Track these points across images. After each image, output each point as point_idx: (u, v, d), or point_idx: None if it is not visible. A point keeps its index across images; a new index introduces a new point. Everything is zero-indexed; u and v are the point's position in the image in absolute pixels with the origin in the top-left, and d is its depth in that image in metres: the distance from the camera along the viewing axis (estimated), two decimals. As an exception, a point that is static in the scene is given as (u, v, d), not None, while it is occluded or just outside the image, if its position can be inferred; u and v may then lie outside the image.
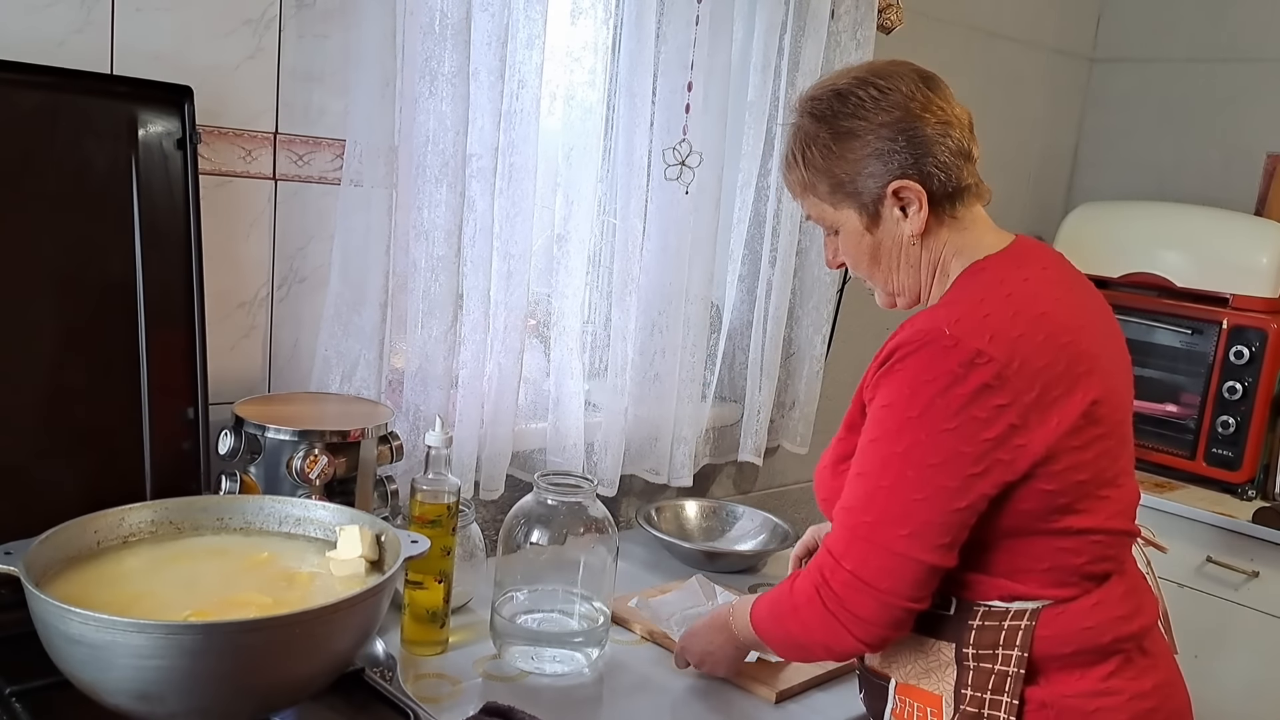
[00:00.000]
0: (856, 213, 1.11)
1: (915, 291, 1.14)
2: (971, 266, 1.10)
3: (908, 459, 1.00)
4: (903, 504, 1.01)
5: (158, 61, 1.31)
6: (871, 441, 1.04)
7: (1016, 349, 1.00)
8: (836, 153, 1.08)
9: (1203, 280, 2.27)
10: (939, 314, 1.04)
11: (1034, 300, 1.05)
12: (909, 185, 1.07)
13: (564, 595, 1.37)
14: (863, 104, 1.07)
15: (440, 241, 1.50)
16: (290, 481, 1.28)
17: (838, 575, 1.04)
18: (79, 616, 0.79)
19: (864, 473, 1.04)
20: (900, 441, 1.01)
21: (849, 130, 1.08)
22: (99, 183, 1.23)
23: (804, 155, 1.11)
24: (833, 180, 1.10)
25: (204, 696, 0.83)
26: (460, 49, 1.45)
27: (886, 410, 1.03)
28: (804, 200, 1.15)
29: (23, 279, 1.17)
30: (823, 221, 1.15)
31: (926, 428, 1.00)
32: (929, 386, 0.99)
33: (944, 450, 0.99)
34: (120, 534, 1.00)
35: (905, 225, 1.09)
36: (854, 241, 1.13)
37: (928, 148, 1.06)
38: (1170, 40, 2.62)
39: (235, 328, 1.44)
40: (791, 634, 1.12)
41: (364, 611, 0.90)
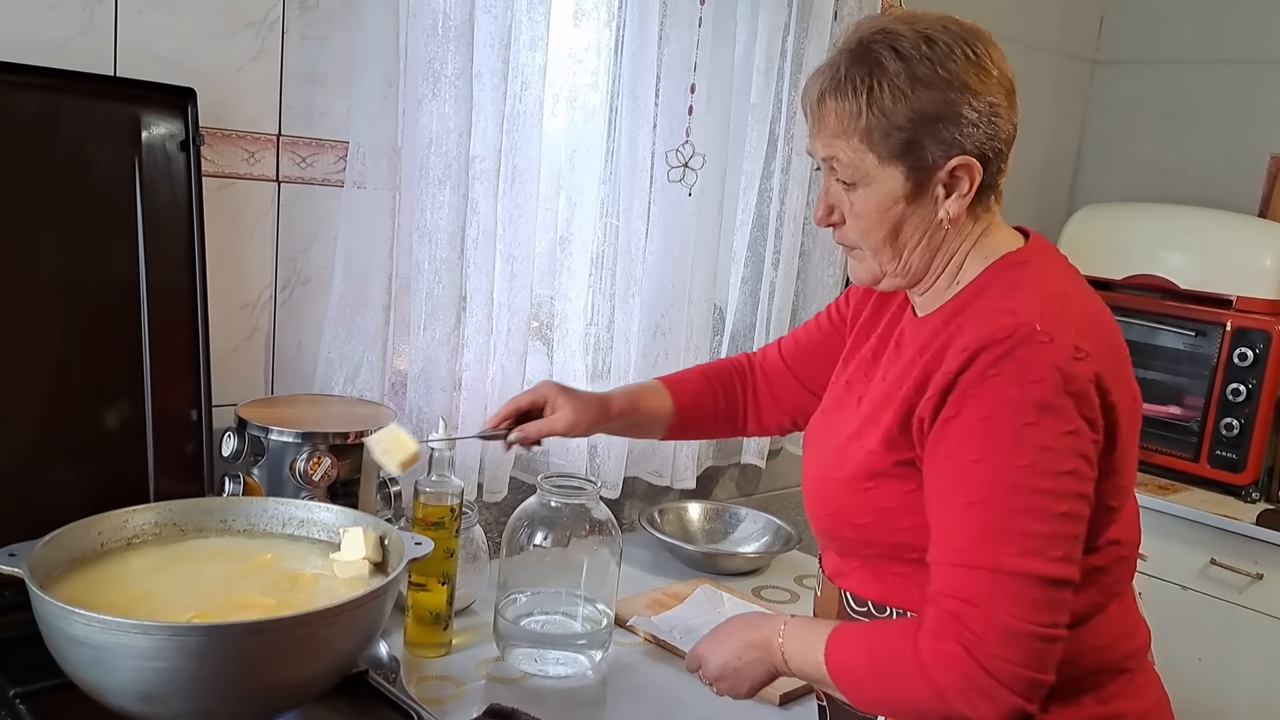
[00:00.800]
0: (903, 176, 0.96)
1: (917, 277, 1.02)
2: (1007, 259, 1.00)
3: (1036, 472, 0.88)
4: (1048, 524, 0.88)
5: (161, 63, 1.31)
6: (978, 462, 0.89)
7: (1096, 346, 0.92)
8: (911, 99, 0.93)
9: (1206, 282, 2.26)
10: (1015, 308, 0.92)
11: (1085, 299, 0.99)
12: (971, 164, 0.95)
13: (567, 597, 1.37)
14: (953, 56, 0.93)
15: (443, 243, 1.50)
16: (293, 483, 1.28)
17: (994, 626, 0.87)
18: (83, 618, 0.79)
19: (981, 500, 0.89)
20: (1022, 454, 0.88)
21: (930, 79, 0.93)
22: (102, 185, 1.23)
23: (871, 90, 0.93)
24: (897, 130, 0.94)
25: (207, 698, 0.83)
26: (463, 51, 1.46)
27: (991, 423, 0.89)
28: (838, 141, 0.97)
29: (26, 281, 1.17)
30: (851, 170, 0.97)
31: (1048, 432, 0.88)
32: (1038, 387, 0.88)
33: (1069, 454, 0.88)
34: (124, 535, 1.00)
35: (944, 206, 0.97)
36: (880, 206, 0.97)
37: (998, 129, 0.95)
38: (1173, 42, 2.62)
39: (238, 330, 1.44)
40: (908, 698, 0.93)
41: (367, 613, 0.90)
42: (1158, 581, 2.18)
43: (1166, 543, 2.15)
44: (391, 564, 1.01)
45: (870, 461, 1.00)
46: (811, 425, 1.19)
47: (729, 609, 1.53)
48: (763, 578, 1.74)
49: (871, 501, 1.01)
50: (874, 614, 1.07)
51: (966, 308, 0.99)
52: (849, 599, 1.09)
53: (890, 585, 1.04)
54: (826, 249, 2.05)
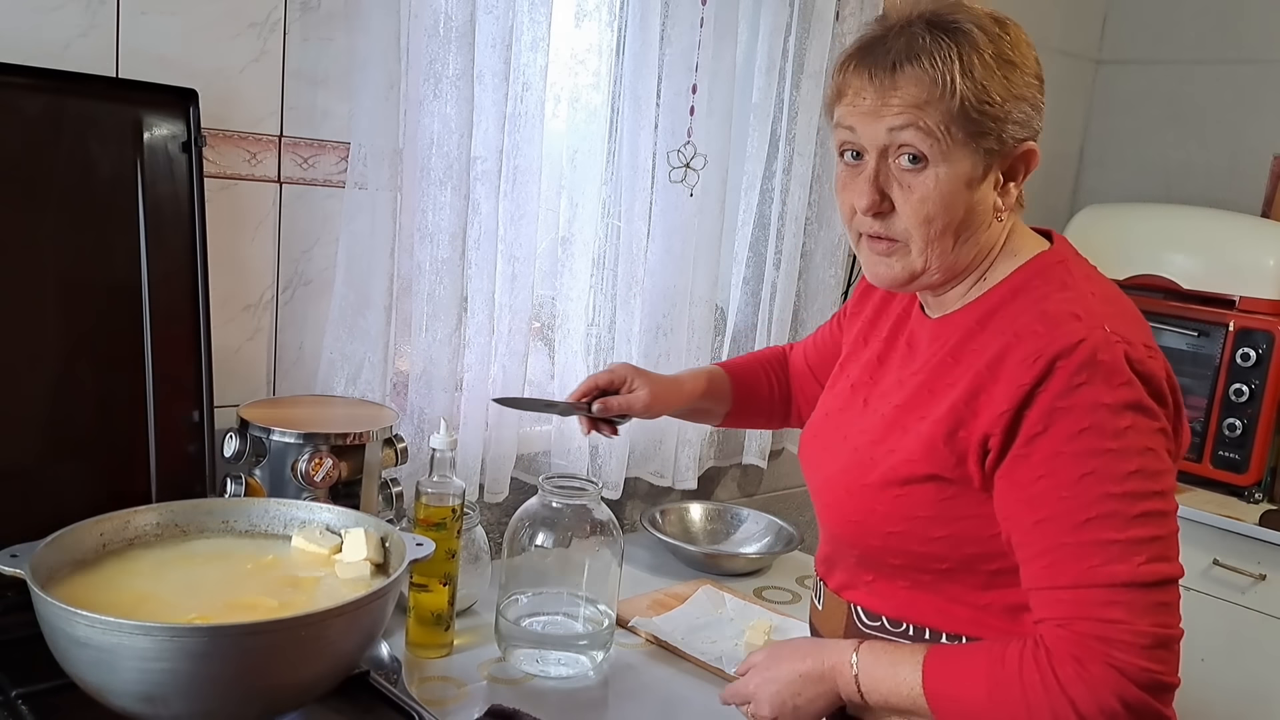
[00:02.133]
0: (979, 157, 0.92)
1: (955, 273, 0.98)
2: (1041, 259, 0.98)
3: (1146, 475, 0.86)
4: (1165, 524, 0.88)
5: (163, 65, 1.31)
6: (1086, 475, 0.86)
7: (1153, 339, 0.93)
8: (1001, 76, 0.90)
9: (1209, 282, 2.26)
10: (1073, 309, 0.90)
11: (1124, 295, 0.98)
12: (1035, 152, 0.94)
13: (569, 598, 1.37)
14: (1022, 41, 0.94)
15: (445, 244, 1.50)
16: (295, 484, 1.28)
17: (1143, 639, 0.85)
18: (84, 619, 0.80)
19: (1100, 515, 0.86)
20: (1129, 460, 0.86)
21: (1013, 62, 0.91)
22: (104, 186, 1.23)
23: (963, 59, 0.89)
24: (987, 105, 0.90)
25: (209, 699, 0.83)
26: (465, 52, 1.46)
27: (1090, 435, 0.86)
28: (916, 112, 0.90)
29: (28, 282, 1.17)
30: (928, 145, 0.91)
31: (1145, 432, 0.86)
32: (1128, 389, 0.86)
33: (1164, 453, 0.88)
34: (126, 536, 1.00)
35: (998, 197, 0.95)
36: (951, 189, 0.92)
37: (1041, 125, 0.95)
38: (1176, 42, 2.61)
39: (240, 330, 1.44)
40: None
41: (369, 614, 0.90)
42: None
43: (1169, 543, 2.15)
44: (393, 565, 1.01)
45: (904, 469, 0.97)
46: (813, 428, 1.18)
47: (730, 610, 1.53)
48: (765, 578, 1.74)
49: (903, 509, 0.97)
50: (888, 628, 1.04)
51: (1005, 308, 0.95)
52: (859, 613, 1.06)
53: (909, 600, 1.02)
54: (828, 249, 2.05)
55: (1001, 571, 0.95)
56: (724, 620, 1.50)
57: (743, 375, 1.39)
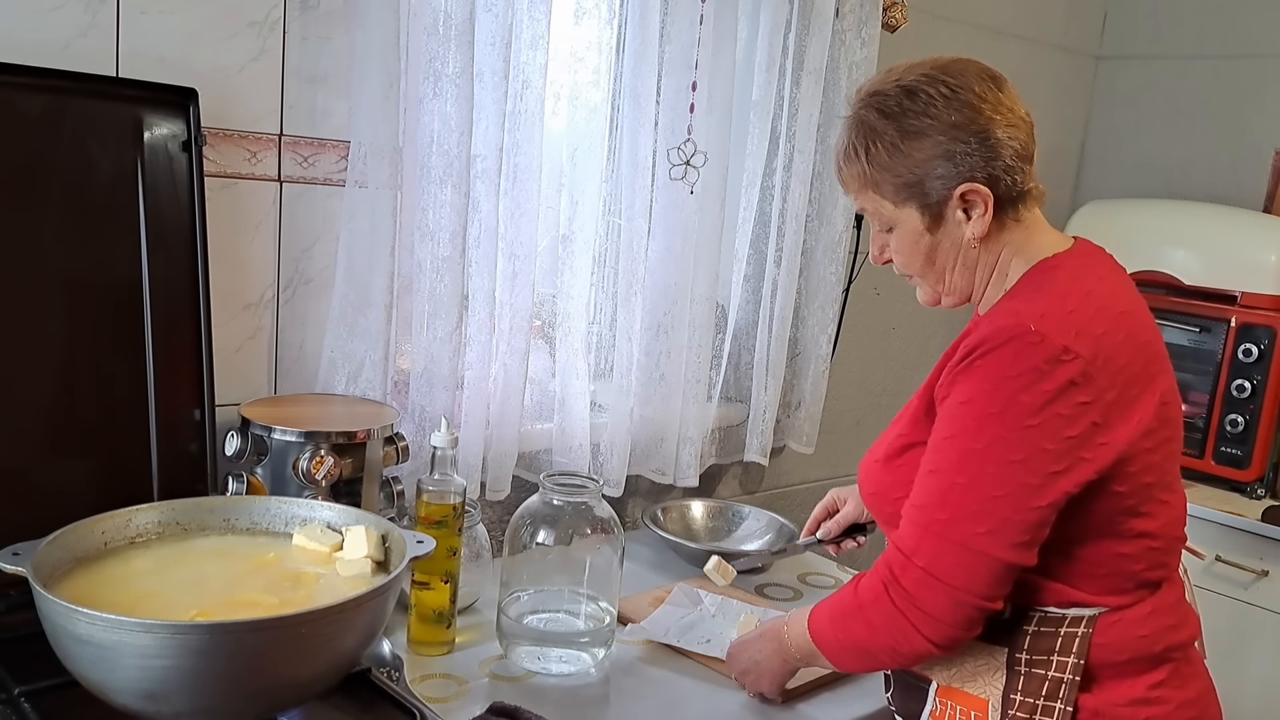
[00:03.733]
0: (919, 213, 1.07)
1: (967, 292, 1.12)
2: (1043, 264, 1.07)
3: (988, 455, 0.98)
4: (980, 500, 0.98)
5: (162, 64, 1.31)
6: (947, 438, 1.01)
7: (1100, 346, 0.98)
8: (904, 151, 1.05)
9: (1211, 278, 2.26)
10: (1021, 309, 1.01)
11: (1114, 299, 1.04)
12: (977, 189, 1.04)
13: (570, 596, 1.37)
14: (933, 102, 1.03)
15: (445, 242, 1.50)
16: (296, 483, 1.28)
17: (909, 572, 1.01)
18: (86, 617, 0.80)
19: (938, 469, 1.01)
20: (980, 437, 0.98)
21: (917, 130, 1.04)
22: (105, 185, 1.23)
23: (868, 151, 1.07)
24: (898, 179, 1.06)
25: (211, 696, 0.83)
26: (464, 50, 1.46)
27: (966, 406, 1.00)
28: (861, 196, 1.11)
29: (29, 281, 1.17)
30: (879, 218, 1.11)
31: (1009, 423, 0.97)
32: (1012, 382, 0.97)
33: (1027, 446, 0.97)
34: (127, 535, 1.00)
35: (968, 228, 1.07)
36: (911, 241, 1.09)
37: (997, 151, 1.04)
38: (1177, 37, 2.61)
39: (241, 329, 1.44)
40: (855, 637, 1.08)
41: (370, 612, 0.90)
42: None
43: (1171, 539, 2.15)
44: (394, 563, 1.01)
45: (899, 441, 1.11)
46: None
47: (708, 605, 1.53)
48: (766, 575, 1.74)
49: (902, 476, 1.09)
50: None
51: (998, 308, 1.07)
52: None
53: None
54: (829, 247, 2.04)
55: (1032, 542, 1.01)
56: (706, 617, 1.50)
57: None
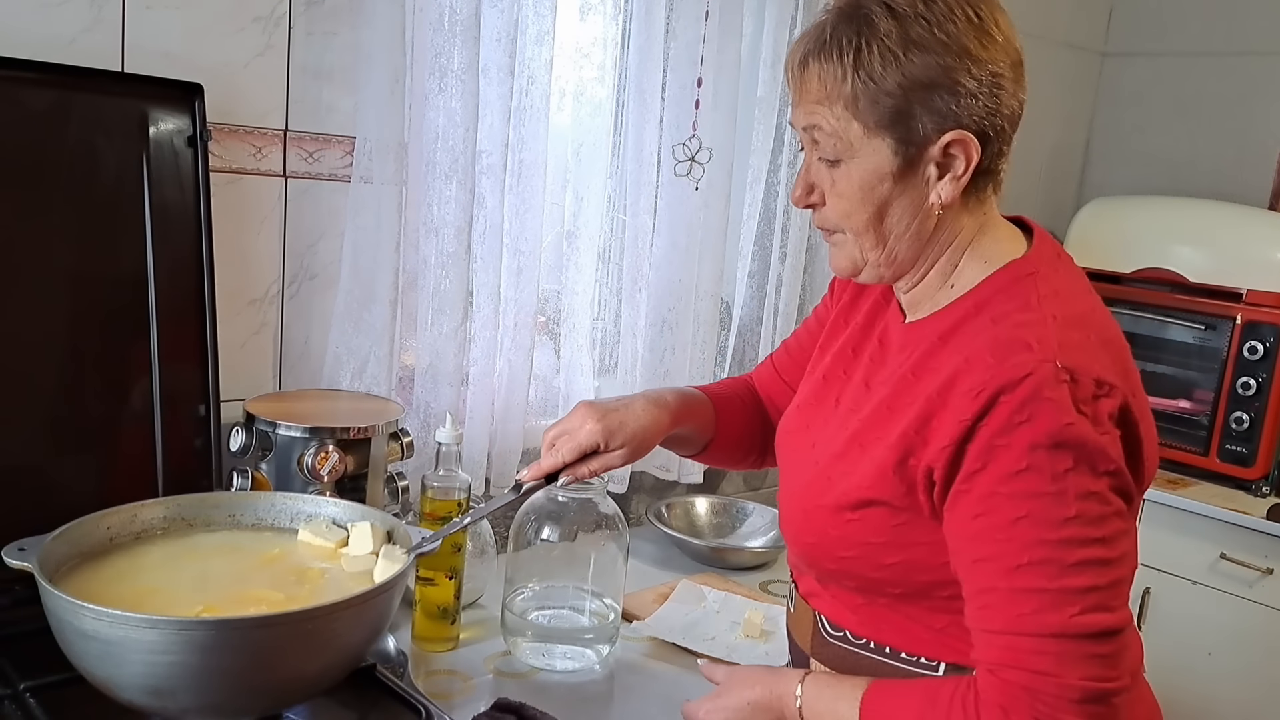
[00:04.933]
0: (891, 149, 0.87)
1: (902, 269, 0.94)
2: (1011, 269, 0.92)
3: (1086, 521, 0.81)
4: (1105, 573, 0.82)
5: (168, 59, 1.31)
6: (1021, 519, 0.82)
7: (1118, 373, 0.86)
8: (904, 63, 0.84)
9: (1216, 275, 2.25)
10: (1026, 339, 0.84)
11: (1105, 320, 0.91)
12: (968, 140, 0.86)
13: (575, 592, 1.37)
14: (954, 19, 0.85)
15: (450, 238, 1.50)
16: (301, 478, 1.28)
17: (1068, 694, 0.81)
18: (92, 612, 0.80)
19: (1034, 561, 0.82)
20: (1067, 505, 0.81)
21: (928, 43, 0.84)
22: (111, 181, 1.23)
23: (858, 51, 0.85)
24: (883, 98, 0.85)
25: (216, 692, 0.83)
26: (470, 45, 1.45)
27: (1027, 476, 0.81)
28: (821, 108, 0.88)
29: (35, 277, 1.17)
30: (833, 143, 0.88)
31: (1088, 475, 0.81)
32: (1070, 430, 0.81)
33: (1112, 495, 0.83)
34: (133, 530, 1.01)
35: (936, 189, 0.88)
36: (867, 184, 0.88)
37: (1001, 108, 0.86)
38: (1182, 34, 2.60)
39: (246, 325, 1.44)
40: None
41: (375, 608, 0.90)
42: (1167, 576, 2.17)
43: (1176, 537, 2.15)
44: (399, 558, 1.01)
45: (856, 493, 0.93)
46: (786, 421, 1.11)
47: (711, 602, 1.53)
48: (770, 572, 1.74)
49: (856, 535, 0.94)
50: (851, 640, 1.01)
51: (967, 324, 0.91)
52: (824, 622, 1.04)
53: (869, 617, 0.99)
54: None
55: (957, 597, 0.89)
56: (710, 614, 1.50)
57: (723, 400, 1.23)
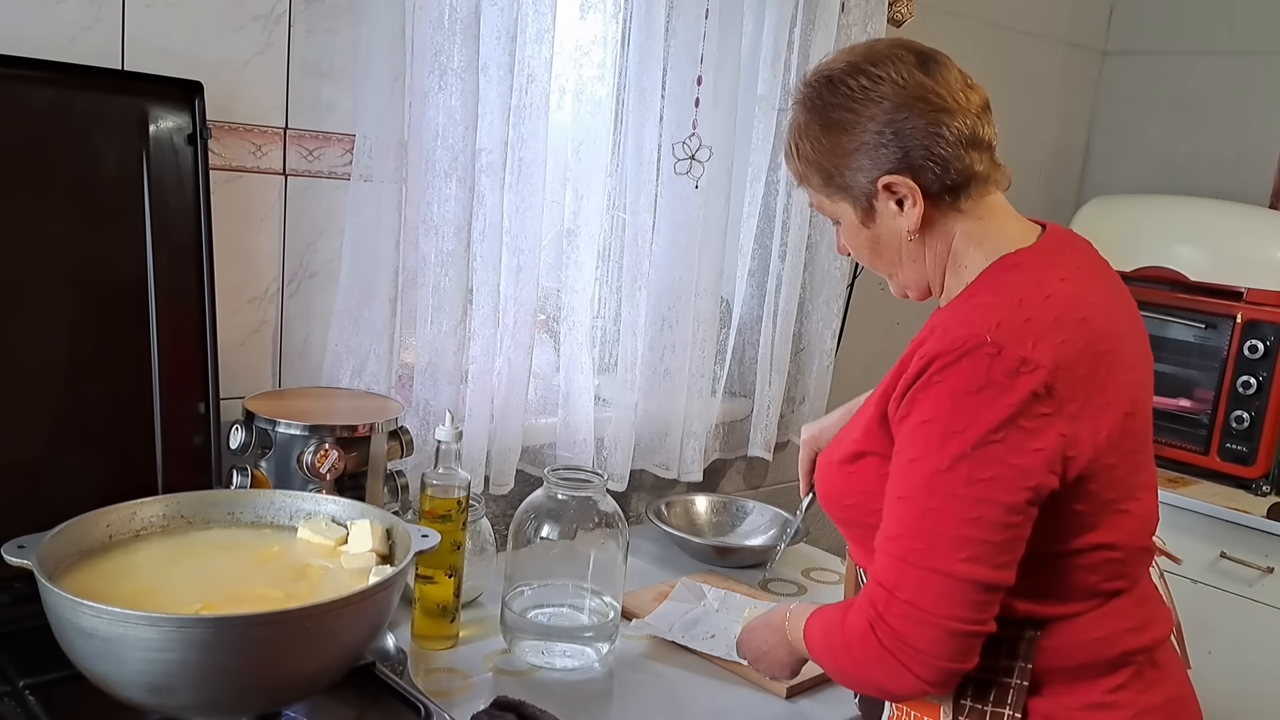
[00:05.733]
0: (851, 206, 1.05)
1: (922, 286, 1.09)
2: (1001, 261, 1.03)
3: (955, 476, 0.93)
4: (955, 524, 0.93)
5: (168, 57, 1.31)
6: (912, 461, 0.96)
7: (1060, 355, 0.94)
8: (826, 145, 1.04)
9: (1217, 274, 2.25)
10: (973, 318, 0.96)
11: (1074, 304, 0.99)
12: (899, 180, 1.01)
13: (574, 590, 1.37)
14: (852, 94, 1.02)
15: (450, 236, 1.50)
16: (301, 476, 1.28)
17: (893, 608, 0.95)
18: (91, 610, 0.80)
19: (907, 496, 0.96)
20: (944, 458, 0.93)
21: (837, 122, 1.03)
22: (110, 178, 1.23)
23: (797, 147, 1.07)
24: (823, 173, 1.05)
25: (216, 689, 0.83)
26: (469, 44, 1.45)
27: (928, 426, 0.95)
28: (805, 191, 1.12)
29: (34, 274, 1.18)
30: (822, 211, 1.11)
31: (974, 441, 0.92)
32: (973, 398, 0.92)
33: (994, 464, 0.92)
34: (132, 528, 1.01)
35: (901, 220, 1.03)
36: (853, 234, 1.08)
37: (919, 140, 1.00)
38: (1182, 33, 2.60)
39: (245, 323, 1.44)
40: (843, 669, 1.05)
41: (375, 605, 0.90)
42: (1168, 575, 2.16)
43: (1176, 536, 2.13)
44: (398, 557, 1.01)
45: (852, 446, 1.07)
46: None
47: (711, 600, 1.53)
48: (771, 570, 1.73)
49: (853, 484, 1.07)
50: None
51: (955, 307, 1.03)
52: (861, 574, 1.14)
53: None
54: (834, 241, 2.03)
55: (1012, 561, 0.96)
56: (709, 612, 1.50)
57: None
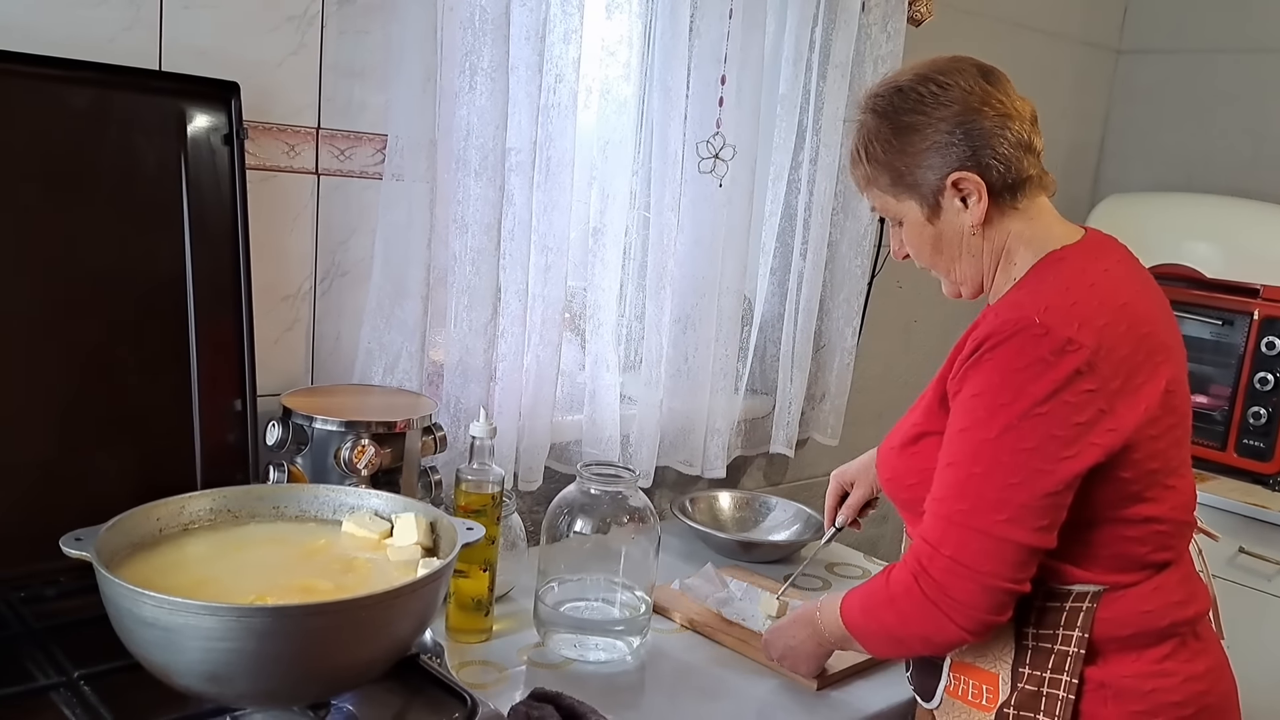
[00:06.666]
0: (918, 204, 1.14)
1: (977, 281, 1.17)
2: (1050, 256, 1.11)
3: (1001, 444, 1.02)
4: (998, 489, 1.02)
5: (203, 58, 1.32)
6: (962, 430, 1.05)
7: (1103, 337, 1.02)
8: (897, 147, 1.12)
9: (1232, 271, 2.26)
10: (1024, 302, 1.05)
11: (1116, 291, 1.07)
12: (967, 177, 1.10)
13: (606, 584, 1.38)
14: (922, 99, 1.11)
15: (480, 235, 1.51)
16: (338, 472, 1.29)
17: (936, 562, 1.05)
18: (152, 599, 0.81)
19: (955, 461, 1.06)
20: (992, 428, 1.03)
21: (909, 125, 1.11)
22: (149, 178, 1.24)
23: (866, 150, 1.15)
24: (893, 173, 1.13)
25: (272, 678, 0.84)
26: (499, 43, 1.47)
27: (977, 399, 1.04)
28: (868, 193, 1.19)
29: (76, 273, 1.19)
30: (886, 213, 1.19)
31: (1019, 413, 1.01)
32: (1021, 374, 1.02)
33: (1037, 434, 1.01)
34: (181, 522, 1.02)
35: (965, 216, 1.12)
36: (917, 232, 1.16)
37: (986, 140, 1.09)
38: (1196, 31, 2.61)
39: (279, 321, 1.45)
40: (887, 627, 1.12)
41: (425, 597, 0.91)
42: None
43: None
44: (443, 549, 1.02)
45: (912, 430, 1.16)
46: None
47: (734, 589, 1.55)
48: (794, 565, 1.75)
49: (915, 464, 1.14)
50: None
51: (1007, 297, 1.11)
52: None
53: None
54: (854, 240, 2.05)
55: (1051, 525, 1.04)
56: (734, 599, 1.52)
57: None
